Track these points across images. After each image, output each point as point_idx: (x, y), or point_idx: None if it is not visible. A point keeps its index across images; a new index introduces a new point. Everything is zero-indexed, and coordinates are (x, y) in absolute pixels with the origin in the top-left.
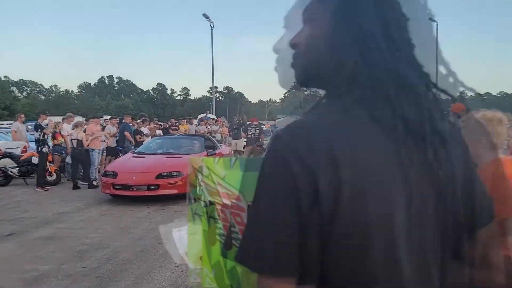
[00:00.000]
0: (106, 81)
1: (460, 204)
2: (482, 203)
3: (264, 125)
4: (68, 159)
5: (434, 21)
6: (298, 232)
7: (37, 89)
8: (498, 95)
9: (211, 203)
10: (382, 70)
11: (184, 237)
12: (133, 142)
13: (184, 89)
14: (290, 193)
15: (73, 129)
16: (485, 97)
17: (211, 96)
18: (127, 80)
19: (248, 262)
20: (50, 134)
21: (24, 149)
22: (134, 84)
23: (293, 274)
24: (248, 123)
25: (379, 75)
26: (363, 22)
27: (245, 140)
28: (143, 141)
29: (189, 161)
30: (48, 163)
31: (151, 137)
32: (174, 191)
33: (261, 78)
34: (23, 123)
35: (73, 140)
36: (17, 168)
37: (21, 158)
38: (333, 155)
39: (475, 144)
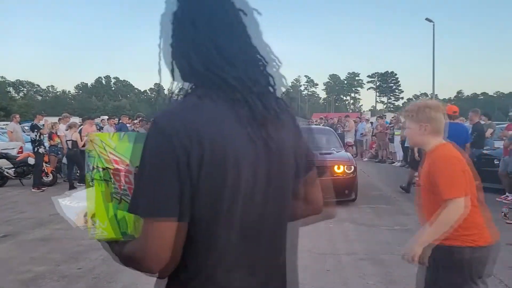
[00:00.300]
0: (103, 82)
1: (291, 161)
2: (304, 160)
3: None
4: (65, 160)
5: (431, 21)
6: (176, 186)
7: (34, 90)
8: (495, 95)
9: (105, 168)
10: (214, 70)
11: (74, 204)
12: None
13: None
14: (170, 159)
15: (67, 130)
16: (481, 97)
17: None
18: (124, 80)
19: (137, 210)
20: (47, 135)
21: (20, 150)
22: (131, 85)
23: (172, 215)
24: None
25: (211, 76)
26: (184, 41)
27: None
28: None
29: (87, 136)
30: (44, 164)
31: None
32: None
33: None
34: (19, 124)
35: (68, 141)
36: (13, 169)
37: (17, 159)
38: (199, 133)
39: (420, 131)
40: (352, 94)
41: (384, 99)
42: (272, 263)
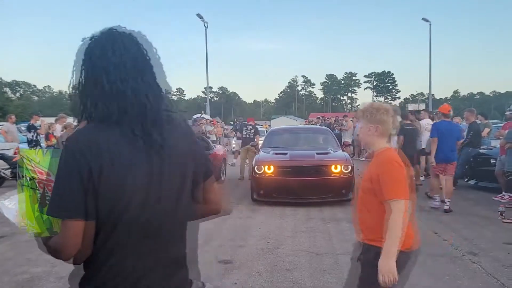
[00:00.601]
0: None
1: (188, 170)
2: (202, 168)
3: (261, 125)
4: None
5: (427, 21)
6: (82, 192)
7: (30, 90)
8: (491, 95)
9: (32, 178)
10: (108, 103)
11: (12, 206)
12: None
13: (179, 89)
14: (76, 171)
15: (62, 130)
16: (478, 96)
17: (206, 96)
18: None
19: (53, 213)
20: (44, 135)
21: (16, 150)
22: None
23: (79, 216)
24: (243, 122)
25: (105, 108)
26: (86, 81)
27: (236, 140)
28: None
29: (18, 151)
30: None
31: None
32: None
33: (256, 78)
34: (15, 124)
35: (63, 142)
36: (10, 170)
37: (13, 160)
38: (98, 149)
39: (370, 131)
40: (349, 94)
41: (381, 99)
42: (172, 256)
